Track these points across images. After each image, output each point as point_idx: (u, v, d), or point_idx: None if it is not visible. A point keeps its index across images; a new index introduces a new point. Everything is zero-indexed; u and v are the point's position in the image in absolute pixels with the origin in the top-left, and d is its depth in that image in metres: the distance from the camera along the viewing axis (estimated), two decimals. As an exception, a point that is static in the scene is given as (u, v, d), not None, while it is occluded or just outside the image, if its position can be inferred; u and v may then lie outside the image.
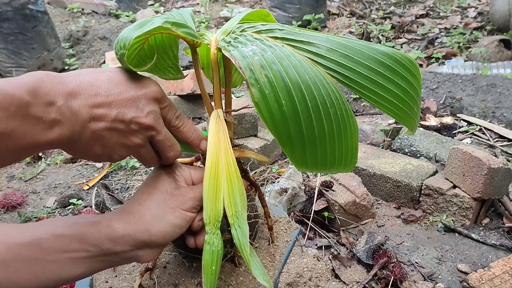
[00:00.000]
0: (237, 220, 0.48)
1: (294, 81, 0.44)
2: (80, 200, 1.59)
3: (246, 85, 0.44)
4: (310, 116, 0.44)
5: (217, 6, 4.60)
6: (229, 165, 0.50)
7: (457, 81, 2.39)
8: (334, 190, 1.40)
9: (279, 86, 0.44)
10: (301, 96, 0.44)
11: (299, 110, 0.44)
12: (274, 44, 0.47)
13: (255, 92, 0.43)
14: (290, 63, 0.45)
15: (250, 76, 0.44)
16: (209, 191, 0.48)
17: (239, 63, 0.45)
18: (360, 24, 3.94)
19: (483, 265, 1.22)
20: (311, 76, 0.45)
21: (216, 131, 0.52)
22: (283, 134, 0.45)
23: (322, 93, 0.45)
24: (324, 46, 0.48)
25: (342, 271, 1.20)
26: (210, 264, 0.46)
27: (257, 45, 0.47)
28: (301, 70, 0.45)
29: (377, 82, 0.47)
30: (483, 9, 4.07)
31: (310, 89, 0.44)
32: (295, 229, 0.73)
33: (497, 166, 1.30)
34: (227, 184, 0.50)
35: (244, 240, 0.46)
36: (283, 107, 0.44)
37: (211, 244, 0.46)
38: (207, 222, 0.47)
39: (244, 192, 0.50)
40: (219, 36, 0.52)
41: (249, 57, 0.45)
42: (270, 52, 0.46)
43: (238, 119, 1.77)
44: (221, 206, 0.48)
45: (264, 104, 0.43)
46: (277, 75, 0.44)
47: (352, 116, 0.48)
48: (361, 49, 0.48)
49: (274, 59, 0.45)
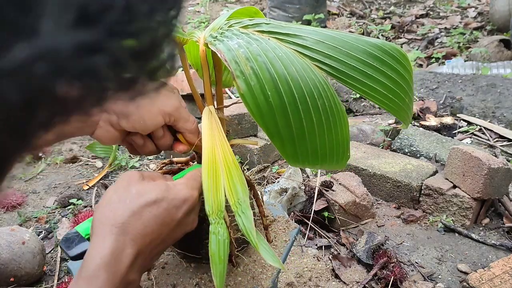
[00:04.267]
0: (240, 206, 0.48)
1: (280, 73, 0.44)
2: (80, 200, 1.59)
3: (232, 78, 0.44)
4: (297, 108, 0.44)
5: (217, 6, 4.60)
6: (226, 156, 0.51)
7: (457, 81, 2.39)
8: (334, 190, 1.40)
9: (264, 78, 0.44)
10: (287, 87, 0.44)
11: (286, 102, 0.44)
12: (260, 38, 0.48)
13: (240, 84, 0.44)
14: (276, 55, 0.45)
15: (236, 68, 0.44)
16: (208, 183, 0.48)
17: (224, 55, 0.45)
18: (360, 24, 3.94)
19: (483, 265, 1.22)
20: (298, 68, 0.45)
21: (210, 126, 0.52)
22: (270, 126, 0.45)
23: (309, 85, 0.45)
24: (311, 38, 0.48)
25: (342, 271, 1.20)
26: (218, 254, 0.46)
27: (243, 39, 0.47)
28: (287, 62, 0.45)
29: (366, 74, 0.47)
30: (483, 9, 4.07)
31: (297, 80, 0.44)
32: (293, 228, 0.73)
33: (497, 166, 1.30)
34: (226, 174, 0.50)
35: (250, 225, 0.46)
36: (269, 99, 0.44)
37: (216, 233, 0.46)
38: (210, 213, 0.47)
39: (244, 180, 0.50)
40: (207, 32, 0.52)
41: (234, 49, 0.45)
42: (256, 45, 0.46)
43: (238, 119, 1.77)
44: (222, 196, 0.48)
45: (250, 96, 0.44)
46: (263, 66, 0.44)
47: (341, 109, 0.48)
48: (349, 40, 0.48)
49: (260, 51, 0.45)
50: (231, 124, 1.72)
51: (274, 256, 0.46)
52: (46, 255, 1.28)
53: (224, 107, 0.57)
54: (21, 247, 1.17)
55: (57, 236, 1.40)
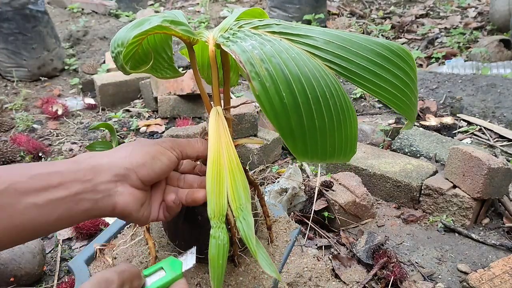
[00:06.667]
0: (242, 212, 0.48)
1: (294, 74, 0.44)
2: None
3: (247, 79, 0.44)
4: (310, 108, 0.45)
5: (217, 6, 4.60)
6: (231, 160, 0.51)
7: (457, 81, 2.39)
8: (334, 190, 1.40)
9: (279, 79, 0.44)
10: (301, 88, 0.44)
11: (300, 102, 0.44)
12: (273, 38, 0.48)
13: (256, 86, 0.44)
14: (289, 56, 0.45)
15: (251, 70, 0.44)
16: (212, 186, 0.48)
17: (239, 57, 0.45)
18: (360, 24, 3.94)
19: (483, 265, 1.22)
20: (310, 68, 0.45)
21: (216, 127, 0.52)
22: (284, 126, 0.45)
23: (322, 85, 0.45)
24: (321, 39, 0.48)
25: (342, 271, 1.20)
26: (217, 258, 0.46)
27: (256, 40, 0.47)
28: (300, 62, 0.45)
29: (375, 73, 0.47)
30: (483, 9, 4.07)
31: (310, 81, 0.45)
32: (294, 229, 0.73)
33: (497, 166, 1.30)
34: (230, 178, 0.50)
35: (250, 232, 0.46)
36: (284, 100, 0.44)
37: (216, 238, 0.46)
38: (211, 217, 0.47)
39: (247, 185, 0.51)
40: (217, 33, 0.52)
41: (249, 51, 0.45)
42: (269, 46, 0.46)
43: (238, 119, 1.77)
44: (225, 200, 0.48)
45: (265, 97, 0.44)
46: (277, 68, 0.44)
47: (351, 107, 0.48)
48: (357, 40, 0.48)
49: (274, 52, 0.45)
50: (231, 124, 1.72)
51: (272, 265, 0.46)
52: (46, 255, 1.28)
53: (231, 107, 0.57)
54: (21, 247, 1.17)
55: (57, 236, 1.40)
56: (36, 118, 2.33)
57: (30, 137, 2.05)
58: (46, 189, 0.42)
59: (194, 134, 1.72)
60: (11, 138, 1.98)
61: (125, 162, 0.47)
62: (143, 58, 0.57)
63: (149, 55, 0.58)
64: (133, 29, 0.49)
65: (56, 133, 2.18)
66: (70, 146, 2.05)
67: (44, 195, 0.42)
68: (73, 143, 2.08)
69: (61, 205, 0.43)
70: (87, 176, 0.44)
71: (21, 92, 2.57)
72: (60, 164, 0.45)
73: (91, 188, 0.45)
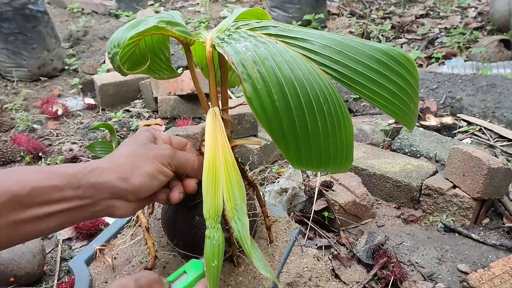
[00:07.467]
0: (237, 213, 0.48)
1: (286, 77, 0.44)
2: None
3: (239, 81, 0.44)
4: (303, 112, 0.44)
5: (217, 6, 4.60)
6: (227, 161, 0.51)
7: (457, 81, 2.39)
8: (334, 190, 1.40)
9: (271, 82, 0.44)
10: (293, 91, 0.44)
11: (292, 106, 0.44)
12: (268, 41, 0.47)
13: (247, 87, 0.44)
14: (283, 59, 0.45)
15: (243, 71, 0.44)
16: (208, 186, 0.49)
17: (231, 58, 0.45)
18: (360, 24, 3.94)
19: (483, 265, 1.22)
20: (304, 72, 0.45)
21: (213, 128, 0.52)
22: (276, 130, 0.45)
23: (315, 89, 0.45)
24: (318, 43, 0.48)
25: (342, 271, 1.20)
26: (212, 258, 0.46)
27: (250, 42, 0.47)
28: (294, 66, 0.45)
29: (371, 79, 0.47)
30: (483, 9, 4.07)
31: (303, 84, 0.44)
32: (294, 229, 0.73)
33: (497, 166, 1.30)
34: (226, 178, 0.50)
35: (245, 232, 0.46)
36: (276, 102, 0.44)
37: (211, 238, 0.46)
38: (207, 217, 0.47)
39: (243, 185, 0.51)
40: (214, 34, 0.52)
41: (242, 52, 0.45)
42: (263, 48, 0.46)
43: (238, 119, 1.77)
44: (220, 201, 0.49)
45: (257, 99, 0.44)
46: (270, 70, 0.44)
47: (346, 113, 0.48)
48: (355, 45, 0.48)
49: (267, 55, 0.45)
50: (231, 124, 1.72)
51: (267, 266, 0.46)
52: (46, 255, 1.28)
53: (229, 108, 0.57)
54: (21, 247, 1.17)
55: (57, 236, 1.40)
56: (36, 118, 2.33)
57: (30, 137, 2.05)
58: (47, 203, 0.44)
59: (194, 134, 1.72)
60: (11, 138, 1.98)
61: (123, 184, 0.48)
62: (140, 59, 0.57)
63: (146, 56, 0.58)
64: (129, 30, 0.49)
65: (56, 133, 2.18)
66: (70, 146, 2.05)
67: (45, 209, 0.44)
68: (73, 143, 2.08)
69: (62, 216, 0.45)
70: (86, 194, 0.46)
71: (21, 92, 2.57)
72: (59, 178, 0.45)
73: (90, 203, 0.47)
